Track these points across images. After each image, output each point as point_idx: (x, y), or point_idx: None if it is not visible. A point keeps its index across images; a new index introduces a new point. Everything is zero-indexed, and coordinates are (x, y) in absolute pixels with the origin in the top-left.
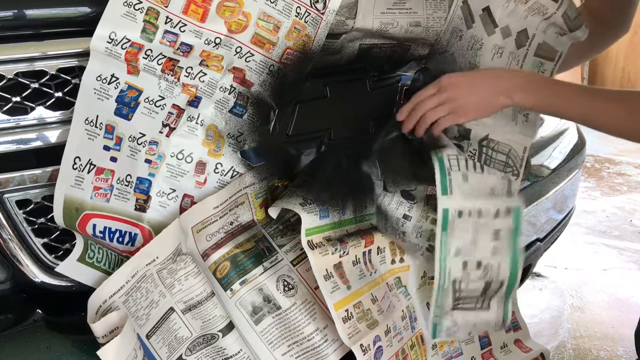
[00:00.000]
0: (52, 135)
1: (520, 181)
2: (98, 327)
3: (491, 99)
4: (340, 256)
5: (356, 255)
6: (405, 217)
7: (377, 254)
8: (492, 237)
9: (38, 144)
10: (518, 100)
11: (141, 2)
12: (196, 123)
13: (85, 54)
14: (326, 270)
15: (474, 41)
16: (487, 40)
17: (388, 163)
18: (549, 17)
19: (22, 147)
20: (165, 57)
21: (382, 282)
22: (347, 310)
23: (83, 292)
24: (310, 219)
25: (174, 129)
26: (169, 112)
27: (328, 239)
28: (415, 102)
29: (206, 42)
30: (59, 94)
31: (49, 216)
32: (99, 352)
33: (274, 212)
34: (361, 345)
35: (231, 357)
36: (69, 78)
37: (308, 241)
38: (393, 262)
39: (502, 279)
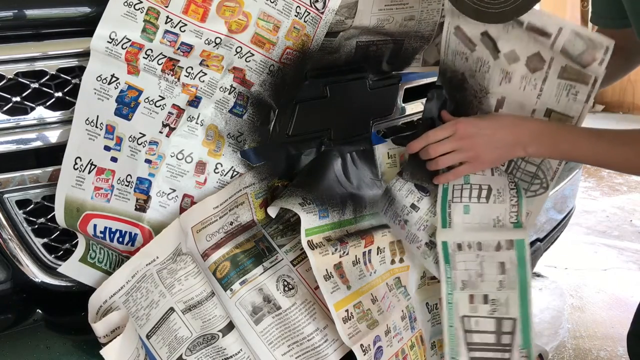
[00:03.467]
0: (52, 135)
1: (547, 196)
2: (99, 327)
3: (506, 152)
4: (340, 256)
5: (356, 256)
6: (413, 206)
7: (377, 254)
8: (498, 270)
9: (38, 144)
10: (531, 152)
11: (141, 2)
12: (196, 123)
13: (85, 54)
14: (326, 270)
15: (480, 63)
16: (493, 63)
17: (415, 155)
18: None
19: (22, 147)
20: (165, 57)
21: (381, 282)
22: (347, 311)
23: (83, 292)
24: (309, 219)
25: (174, 129)
26: (169, 112)
27: (328, 239)
28: (429, 141)
29: (206, 42)
30: (59, 94)
31: (49, 216)
32: (102, 352)
33: (273, 211)
34: (361, 345)
35: (231, 357)
36: (69, 78)
37: (308, 241)
38: (393, 262)
39: (513, 317)
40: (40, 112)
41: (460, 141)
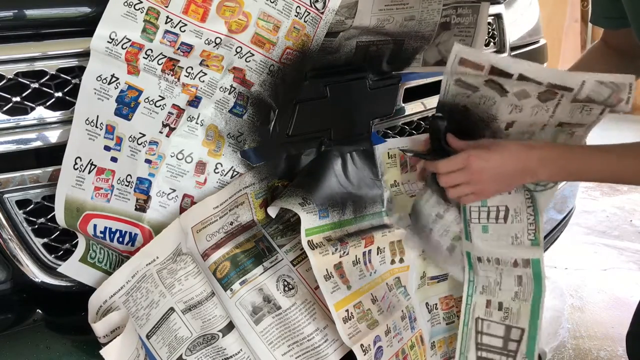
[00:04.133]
0: (52, 135)
1: (556, 189)
2: (99, 327)
3: (515, 180)
4: (340, 256)
5: (356, 256)
6: (439, 215)
7: (377, 254)
8: (515, 282)
9: (38, 144)
10: (542, 177)
11: (141, 2)
12: (196, 123)
13: (85, 54)
14: (326, 270)
15: (485, 99)
16: (500, 100)
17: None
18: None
19: (22, 147)
20: (165, 57)
21: (381, 282)
22: (347, 311)
23: (83, 292)
24: (309, 219)
25: (174, 129)
26: (169, 112)
27: (328, 239)
28: (439, 172)
29: (206, 42)
30: (59, 94)
31: (49, 216)
32: (102, 352)
33: (273, 211)
34: (362, 345)
35: (231, 357)
36: (69, 78)
37: (308, 241)
38: (393, 262)
39: (522, 327)
40: (40, 112)
41: (470, 175)
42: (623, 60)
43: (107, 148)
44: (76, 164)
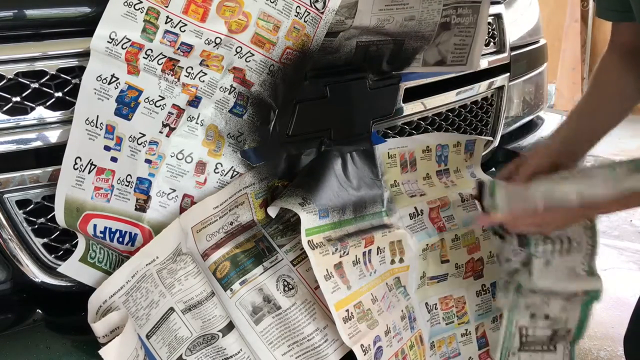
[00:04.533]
0: (52, 135)
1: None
2: (99, 327)
3: (577, 219)
4: (340, 256)
5: (356, 256)
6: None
7: (377, 254)
8: (565, 299)
9: (38, 144)
10: (594, 217)
11: (141, 2)
12: (196, 123)
13: (85, 54)
14: (327, 270)
15: None
16: None
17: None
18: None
19: (22, 147)
20: (165, 57)
21: (381, 282)
22: (347, 311)
23: (83, 292)
24: (309, 219)
25: (174, 129)
26: (169, 112)
27: (328, 239)
28: (516, 218)
29: (206, 42)
30: (59, 94)
31: (49, 216)
32: (101, 352)
33: (273, 211)
34: (362, 345)
35: (231, 357)
36: (69, 78)
37: (308, 241)
38: (392, 262)
39: (569, 328)
40: (40, 112)
41: (543, 227)
42: (634, 62)
43: (107, 148)
44: (76, 164)
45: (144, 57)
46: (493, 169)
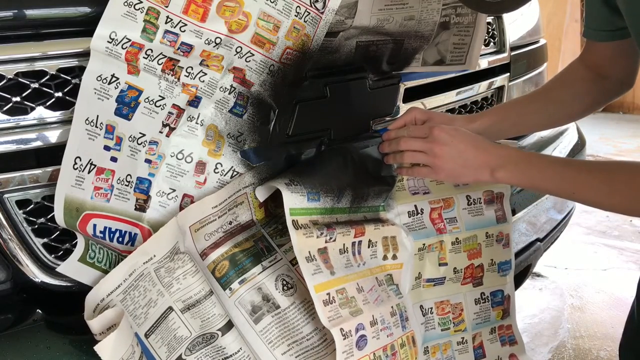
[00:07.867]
0: (52, 135)
1: None
2: (95, 324)
3: (471, 172)
4: (326, 241)
5: (344, 244)
6: None
7: (368, 247)
8: None
9: (38, 144)
10: (499, 177)
11: (141, 2)
12: (196, 123)
13: (85, 54)
14: (309, 252)
15: None
16: None
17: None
18: None
19: (22, 147)
20: (165, 57)
21: (370, 275)
22: (328, 294)
23: (83, 291)
24: (294, 199)
25: (174, 128)
26: (169, 112)
27: (315, 222)
28: (402, 134)
29: (206, 42)
30: (59, 94)
31: (49, 216)
32: (96, 347)
33: (260, 192)
34: (342, 329)
35: (231, 356)
36: (69, 78)
37: (293, 221)
38: (385, 258)
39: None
40: (40, 112)
41: (431, 144)
42: (602, 82)
43: (107, 148)
44: (76, 163)
45: (144, 57)
46: None
